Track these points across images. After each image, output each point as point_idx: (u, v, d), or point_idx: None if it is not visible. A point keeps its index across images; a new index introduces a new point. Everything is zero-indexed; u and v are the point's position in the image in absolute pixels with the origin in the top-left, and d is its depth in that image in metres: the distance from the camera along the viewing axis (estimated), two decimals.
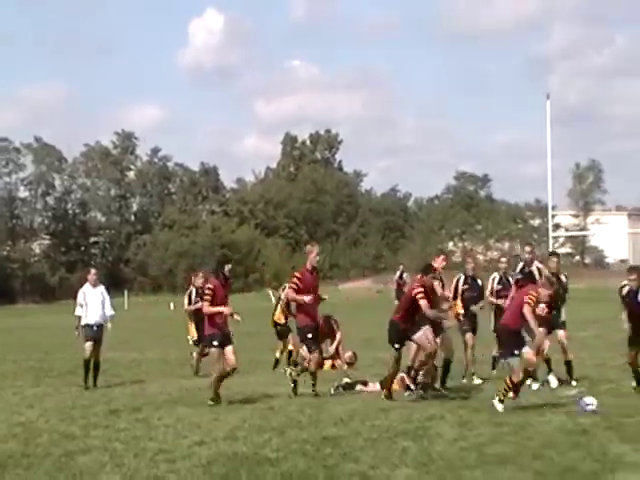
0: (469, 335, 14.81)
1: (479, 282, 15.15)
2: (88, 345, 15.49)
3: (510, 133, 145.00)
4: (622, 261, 63.46)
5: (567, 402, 11.80)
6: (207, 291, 13.17)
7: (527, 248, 15.25)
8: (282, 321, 17.66)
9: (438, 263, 13.20)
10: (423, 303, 12.31)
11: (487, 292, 14.97)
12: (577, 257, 76.90)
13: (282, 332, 17.69)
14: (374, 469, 8.28)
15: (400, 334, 12.56)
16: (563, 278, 14.55)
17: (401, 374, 13.67)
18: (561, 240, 66.77)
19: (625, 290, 12.65)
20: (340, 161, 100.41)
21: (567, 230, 69.61)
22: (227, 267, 13.14)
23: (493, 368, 14.90)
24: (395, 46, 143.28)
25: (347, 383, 14.22)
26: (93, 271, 16.23)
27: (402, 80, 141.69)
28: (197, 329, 16.94)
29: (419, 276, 12.71)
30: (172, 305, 51.72)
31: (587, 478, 7.73)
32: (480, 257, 79.55)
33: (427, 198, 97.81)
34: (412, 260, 68.38)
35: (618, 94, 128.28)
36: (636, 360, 12.45)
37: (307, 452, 9.10)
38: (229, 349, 12.88)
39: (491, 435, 9.70)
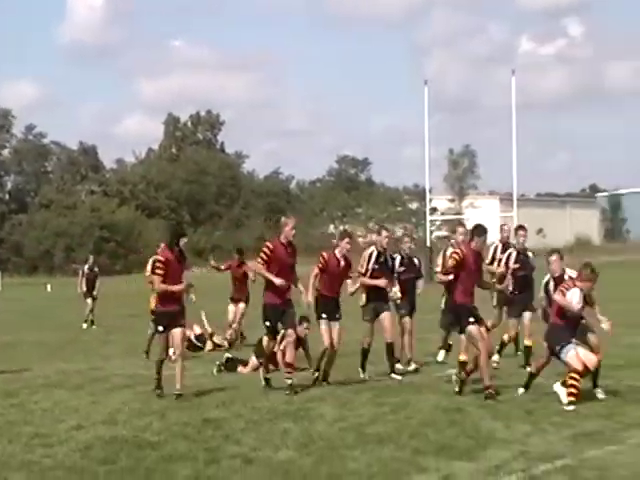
0: (407, 319, 13.82)
1: (415, 262, 14.06)
2: None
3: (391, 118, 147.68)
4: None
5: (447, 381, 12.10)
6: (158, 264, 11.75)
7: (460, 229, 13.62)
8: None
9: (342, 245, 12.34)
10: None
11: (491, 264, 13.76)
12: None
13: None
14: (256, 451, 8.33)
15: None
16: (531, 255, 13.85)
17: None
18: (438, 223, 68.27)
19: (552, 285, 11.53)
20: (222, 142, 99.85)
21: (443, 214, 71.14)
22: (183, 240, 11.69)
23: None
24: (281, 29, 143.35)
25: (228, 358, 14.18)
26: None
27: (287, 63, 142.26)
28: None
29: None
30: (49, 287, 50.42)
31: (461, 454, 7.99)
32: (360, 239, 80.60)
33: (309, 181, 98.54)
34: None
35: (491, 82, 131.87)
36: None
37: (188, 435, 9.07)
38: (177, 331, 11.60)
39: (371, 415, 9.89)
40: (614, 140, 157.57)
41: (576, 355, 10.28)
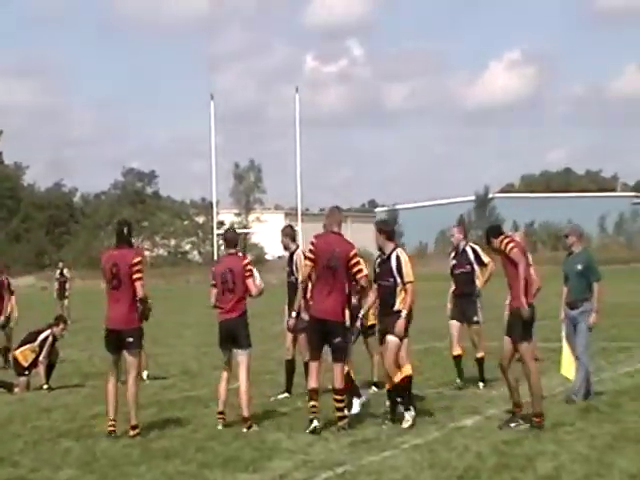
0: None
1: None
2: None
3: (178, 131, 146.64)
4: (280, 257, 66.67)
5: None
6: (140, 267, 9.50)
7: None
8: None
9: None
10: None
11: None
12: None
13: None
14: (34, 472, 8.10)
15: None
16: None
17: None
18: None
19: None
20: (1, 153, 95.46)
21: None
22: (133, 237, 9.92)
23: None
24: (65, 35, 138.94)
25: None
26: None
27: (72, 71, 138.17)
28: None
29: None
30: None
31: (247, 466, 8.12)
32: (147, 253, 79.51)
33: (94, 194, 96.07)
34: (77, 256, 66.71)
35: (277, 98, 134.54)
36: None
37: None
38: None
39: (157, 430, 9.84)
40: (391, 157, 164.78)
41: None
